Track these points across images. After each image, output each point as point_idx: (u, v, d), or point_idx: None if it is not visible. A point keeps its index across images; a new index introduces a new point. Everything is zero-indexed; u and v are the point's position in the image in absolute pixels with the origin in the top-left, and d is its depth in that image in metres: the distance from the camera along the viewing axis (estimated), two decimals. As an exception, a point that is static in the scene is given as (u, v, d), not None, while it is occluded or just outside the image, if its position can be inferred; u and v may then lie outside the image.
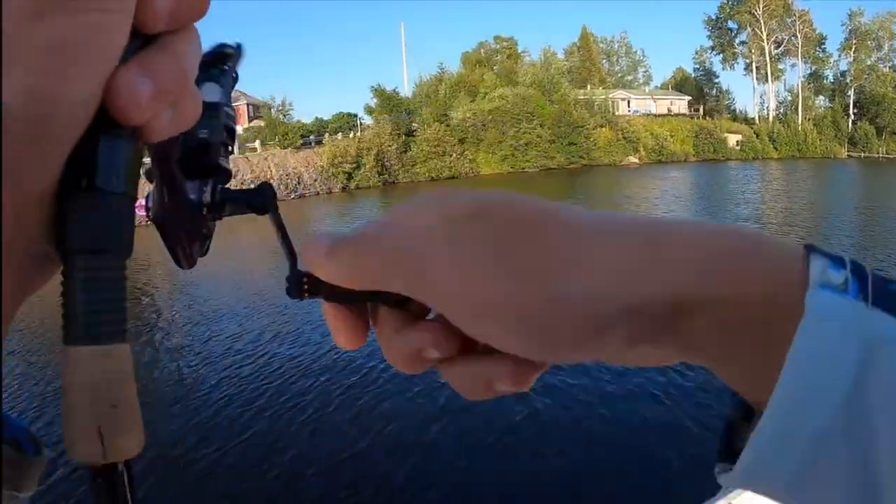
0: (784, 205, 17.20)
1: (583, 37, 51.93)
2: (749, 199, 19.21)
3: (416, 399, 4.88)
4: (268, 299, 9.06)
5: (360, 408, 4.86)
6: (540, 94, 35.27)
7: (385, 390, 5.07)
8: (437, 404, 4.70)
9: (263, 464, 4.13)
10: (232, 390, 5.43)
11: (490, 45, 40.58)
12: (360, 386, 5.23)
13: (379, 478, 3.88)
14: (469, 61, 38.74)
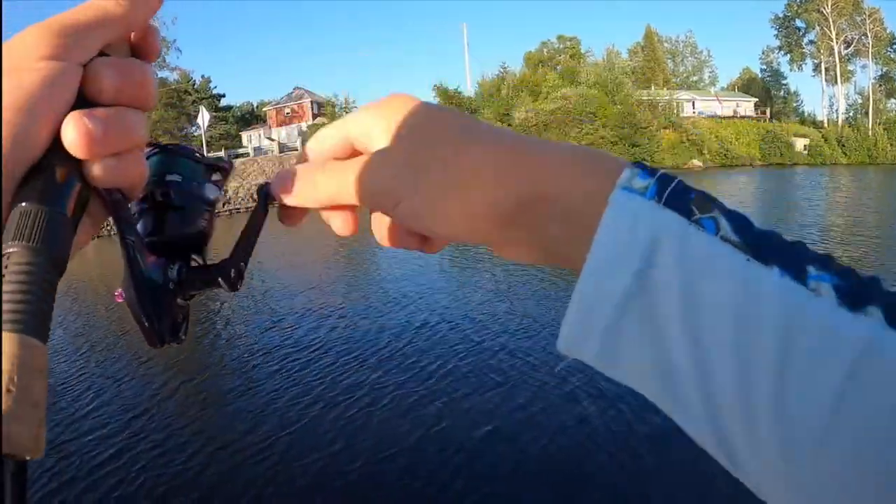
0: (851, 213, 16.14)
1: (647, 36, 50.53)
2: (815, 206, 18.13)
3: (468, 399, 4.80)
4: (325, 293, 9.23)
5: (410, 405, 4.82)
6: (603, 94, 34.50)
7: (436, 390, 5.03)
8: (490, 405, 4.64)
9: (310, 455, 4.16)
10: (284, 383, 5.47)
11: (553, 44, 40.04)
12: (413, 383, 5.21)
13: (425, 476, 3.84)
14: (532, 61, 38.32)
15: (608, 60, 37.81)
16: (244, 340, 7.14)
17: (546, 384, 4.83)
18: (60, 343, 8.03)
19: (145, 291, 0.31)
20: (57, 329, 9.51)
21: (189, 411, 5.30)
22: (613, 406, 4.34)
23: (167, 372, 6.19)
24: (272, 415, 4.87)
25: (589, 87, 34.55)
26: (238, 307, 8.74)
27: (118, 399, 5.69)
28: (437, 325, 6.76)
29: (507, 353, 5.62)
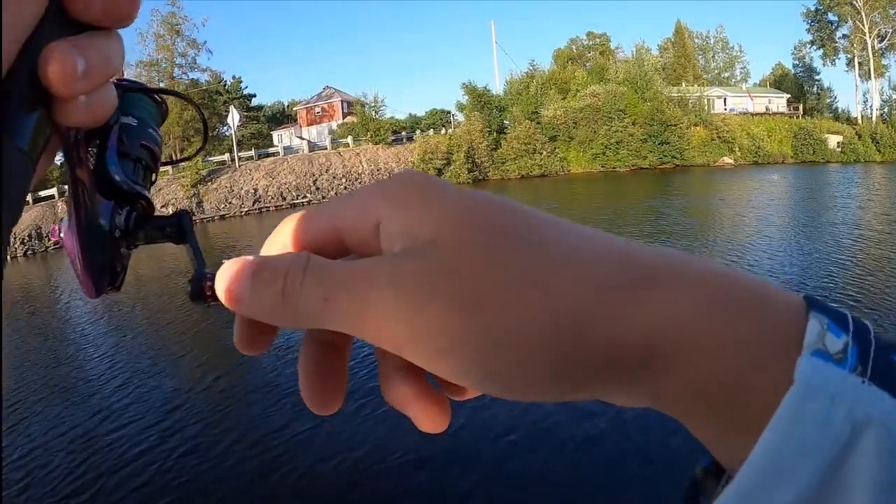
0: (885, 211, 15.68)
1: (677, 31, 49.74)
2: (848, 205, 17.68)
3: (487, 409, 4.72)
4: None
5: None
6: (632, 91, 34.16)
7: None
8: (510, 415, 4.60)
9: (335, 457, 4.25)
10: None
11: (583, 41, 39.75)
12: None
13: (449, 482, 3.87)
14: (561, 58, 38.09)
15: (637, 57, 37.35)
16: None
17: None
18: (94, 339, 8.33)
19: (91, 237, 0.28)
20: (88, 327, 9.87)
21: (223, 407, 5.47)
22: (624, 423, 4.31)
23: (201, 371, 6.37)
24: (300, 415, 4.91)
25: (618, 84, 34.24)
26: None
27: (153, 395, 5.91)
28: None
29: None
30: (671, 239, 11.14)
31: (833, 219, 14.75)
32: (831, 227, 13.11)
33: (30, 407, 6.00)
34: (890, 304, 7.04)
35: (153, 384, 6.29)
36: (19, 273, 22.54)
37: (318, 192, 30.88)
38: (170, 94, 0.35)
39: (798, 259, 9.92)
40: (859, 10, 48.85)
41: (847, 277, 8.54)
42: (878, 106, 52.97)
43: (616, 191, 24.12)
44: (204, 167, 33.36)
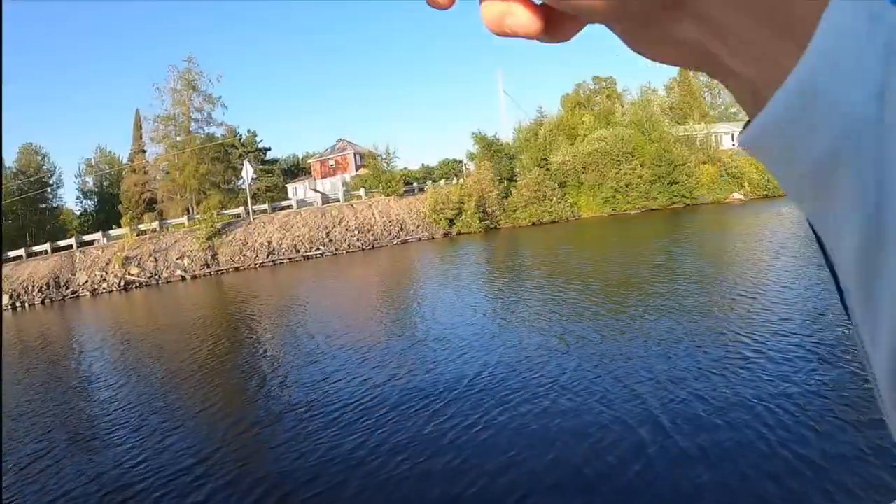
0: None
1: (681, 70, 50.42)
2: None
3: (529, 431, 4.90)
4: (375, 335, 9.10)
5: (476, 438, 4.84)
6: (639, 133, 34.44)
7: (500, 422, 5.17)
8: (551, 435, 4.72)
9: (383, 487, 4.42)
10: (348, 428, 5.65)
11: (589, 85, 40.27)
12: (475, 414, 5.35)
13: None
14: (569, 103, 38.57)
15: (643, 98, 37.77)
16: (302, 382, 6.93)
17: (602, 417, 5.11)
18: (112, 387, 8.41)
19: None
20: (106, 375, 9.93)
21: (252, 455, 5.55)
22: (669, 437, 4.38)
23: (229, 415, 6.33)
24: (326, 468, 5.04)
25: (625, 127, 34.59)
26: (300, 353, 8.23)
27: (173, 447, 6.01)
28: (491, 360, 5.38)
29: (561, 388, 5.31)
30: (687, 278, 11.06)
31: None
32: None
33: (55, 455, 6.17)
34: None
35: (174, 435, 6.43)
36: (37, 320, 23.00)
37: (331, 244, 31.27)
38: None
39: (818, 287, 9.88)
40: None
41: None
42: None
43: (627, 233, 24.16)
44: (219, 220, 33.99)
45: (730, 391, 5.45)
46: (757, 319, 8.03)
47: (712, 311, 8.89)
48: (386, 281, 17.95)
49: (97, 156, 54.89)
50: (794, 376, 5.67)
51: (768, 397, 5.21)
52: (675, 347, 7.10)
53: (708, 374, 5.98)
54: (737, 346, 6.84)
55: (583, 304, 10.31)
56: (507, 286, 13.87)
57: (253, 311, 15.29)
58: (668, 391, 5.65)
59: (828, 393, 5.19)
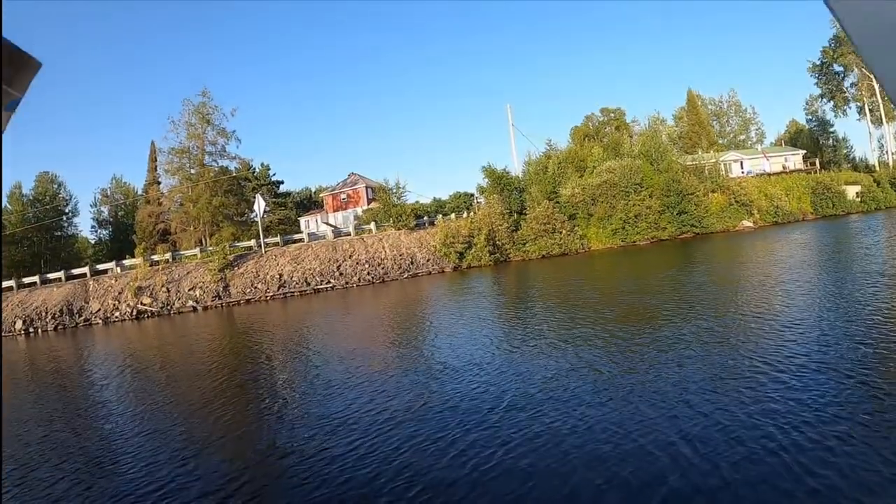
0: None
1: (689, 100, 50.83)
2: (873, 254, 17.50)
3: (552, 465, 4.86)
4: (391, 366, 7.60)
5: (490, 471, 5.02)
6: (647, 163, 34.62)
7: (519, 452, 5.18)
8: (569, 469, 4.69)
9: None
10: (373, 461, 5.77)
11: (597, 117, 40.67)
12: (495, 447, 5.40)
13: None
14: (578, 135, 38.95)
15: (652, 128, 38.06)
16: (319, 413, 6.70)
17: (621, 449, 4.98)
18: (124, 414, 8.44)
19: None
20: (119, 402, 10.00)
21: (266, 487, 5.45)
22: (691, 465, 4.49)
23: (244, 446, 6.13)
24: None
25: (633, 158, 34.81)
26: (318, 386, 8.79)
27: (188, 476, 5.96)
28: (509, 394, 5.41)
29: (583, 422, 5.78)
30: (697, 306, 10.97)
31: (864, 268, 14.63)
32: (863, 277, 13.04)
33: (71, 482, 6.12)
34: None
35: (189, 464, 6.43)
36: (50, 347, 23.26)
37: (341, 278, 31.47)
38: None
39: (835, 311, 9.79)
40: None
41: (888, 321, 8.49)
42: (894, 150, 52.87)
43: (637, 264, 24.12)
44: (231, 252, 34.39)
45: (747, 418, 5.44)
46: (771, 345, 8.01)
47: (726, 337, 8.84)
48: (397, 313, 18.00)
49: (112, 186, 56.03)
50: (810, 400, 5.67)
51: (785, 423, 5.21)
52: (690, 375, 7.08)
53: (725, 401, 5.96)
54: (753, 372, 6.81)
55: (595, 333, 10.30)
56: (519, 317, 13.84)
57: (264, 342, 15.36)
58: (687, 419, 5.64)
59: (846, 416, 5.18)
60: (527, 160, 36.54)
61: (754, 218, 37.95)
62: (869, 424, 4.97)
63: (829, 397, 5.73)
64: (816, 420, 5.22)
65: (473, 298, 18.78)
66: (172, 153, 41.70)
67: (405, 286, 27.09)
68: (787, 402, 5.75)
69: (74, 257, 48.23)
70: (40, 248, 46.14)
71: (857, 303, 10.17)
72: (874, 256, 16.58)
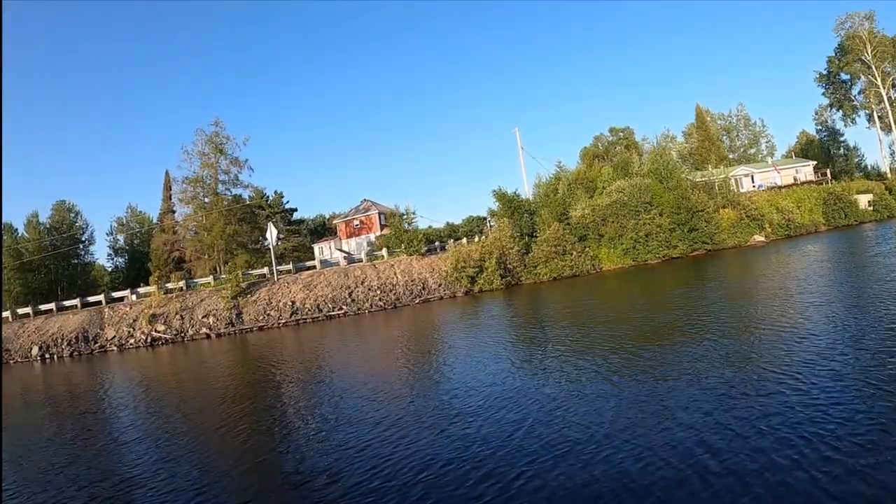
0: None
1: (697, 115, 50.78)
2: (888, 263, 17.32)
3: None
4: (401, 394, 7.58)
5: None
6: (657, 182, 34.59)
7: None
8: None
9: None
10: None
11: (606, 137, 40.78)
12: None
13: None
14: (587, 156, 39.06)
15: (660, 146, 38.05)
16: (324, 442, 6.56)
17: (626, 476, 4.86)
18: (139, 439, 8.74)
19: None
20: (133, 428, 10.07)
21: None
22: (718, 479, 4.40)
23: (261, 474, 6.40)
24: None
25: (642, 177, 34.82)
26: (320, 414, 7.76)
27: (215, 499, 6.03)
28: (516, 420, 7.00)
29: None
30: (713, 324, 10.90)
31: (878, 275, 14.50)
32: (879, 284, 13.00)
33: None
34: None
35: (208, 492, 6.51)
36: (65, 373, 23.55)
37: (353, 304, 31.64)
38: None
39: (853, 319, 9.78)
40: (869, 65, 49.34)
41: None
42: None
43: (649, 283, 24.05)
44: (245, 280, 34.75)
45: (768, 430, 5.51)
46: (791, 357, 8.07)
47: (743, 351, 8.89)
48: (410, 339, 18.06)
49: (128, 214, 57.03)
50: (835, 412, 5.74)
51: (809, 434, 5.29)
52: (710, 392, 7.09)
53: (747, 418, 5.99)
54: (775, 384, 6.89)
55: (611, 352, 10.33)
56: (532, 340, 13.87)
57: (279, 370, 15.43)
58: (710, 432, 5.69)
59: (868, 425, 5.25)
60: (536, 182, 36.77)
61: (766, 232, 37.69)
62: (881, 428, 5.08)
63: (852, 408, 5.80)
64: (842, 431, 5.29)
65: (487, 322, 18.83)
66: (186, 182, 42.45)
67: (417, 312, 27.18)
68: (810, 413, 5.83)
69: (91, 285, 48.93)
70: (57, 275, 46.93)
71: (873, 313, 10.18)
72: (888, 266, 16.45)
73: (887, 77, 50.65)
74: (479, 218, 38.72)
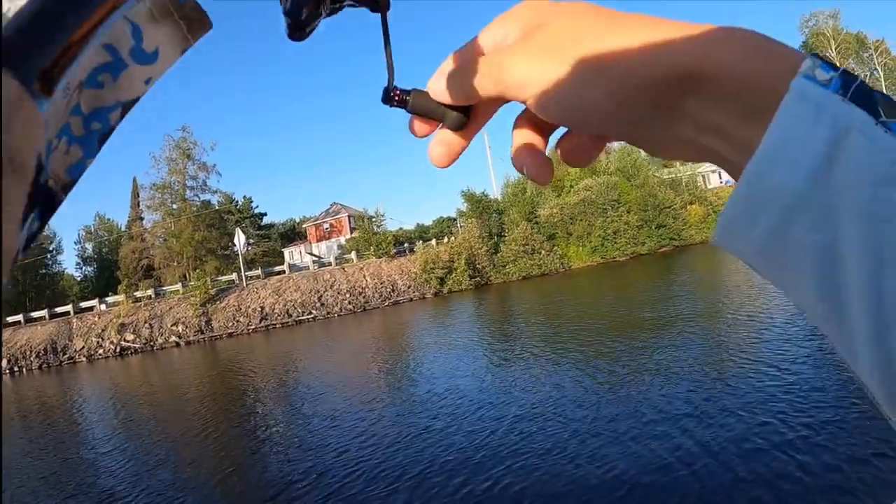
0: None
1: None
2: None
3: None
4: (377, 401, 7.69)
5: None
6: (624, 179, 34.99)
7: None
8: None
9: None
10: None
11: (574, 137, 41.14)
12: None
13: None
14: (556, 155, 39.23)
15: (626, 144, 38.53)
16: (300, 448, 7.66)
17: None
18: (110, 452, 8.60)
19: None
20: (104, 440, 9.86)
21: None
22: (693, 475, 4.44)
23: (232, 487, 6.40)
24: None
25: (609, 175, 35.22)
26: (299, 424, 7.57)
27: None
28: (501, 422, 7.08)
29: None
30: (684, 320, 11.11)
31: None
32: None
33: None
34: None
35: (184, 499, 6.45)
36: (34, 386, 23.02)
37: (322, 308, 31.44)
38: None
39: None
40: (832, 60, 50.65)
41: None
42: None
43: (618, 280, 24.32)
44: (213, 286, 34.32)
45: (749, 417, 5.68)
46: (762, 345, 8.33)
47: (719, 341, 9.17)
48: (380, 344, 18.01)
49: (96, 223, 55.94)
50: (806, 392, 6.05)
51: (786, 417, 5.53)
52: (687, 380, 7.27)
53: (726, 404, 6.19)
54: (745, 368, 7.13)
55: (584, 348, 10.47)
56: (502, 340, 13.93)
57: (247, 378, 15.29)
58: (691, 422, 5.84)
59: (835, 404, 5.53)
60: (505, 183, 37.01)
61: (734, 227, 38.36)
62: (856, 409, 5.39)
63: (820, 387, 6.16)
64: (812, 409, 5.60)
65: (457, 324, 18.87)
66: (154, 189, 41.86)
67: (387, 314, 27.11)
68: (784, 397, 6.09)
69: (60, 295, 47.92)
70: (25, 286, 45.87)
71: None
72: None
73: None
74: (449, 219, 38.86)
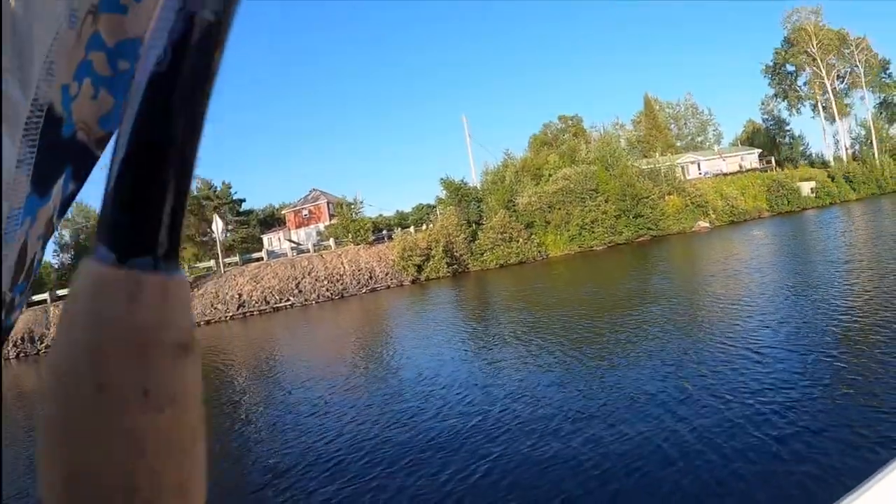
0: (868, 248, 16.33)
1: (646, 104, 51.78)
2: (830, 247, 18.27)
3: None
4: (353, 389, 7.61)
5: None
6: (603, 169, 35.24)
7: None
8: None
9: None
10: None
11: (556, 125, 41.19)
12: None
13: None
14: (536, 144, 39.37)
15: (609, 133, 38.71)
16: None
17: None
18: None
19: None
20: None
21: None
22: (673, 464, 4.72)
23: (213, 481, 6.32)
24: None
25: (588, 165, 35.43)
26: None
27: None
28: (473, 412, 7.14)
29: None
30: (661, 308, 11.42)
31: (821, 258, 15.28)
32: (823, 266, 13.72)
33: None
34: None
35: None
36: (11, 374, 22.75)
37: (300, 295, 31.39)
38: None
39: (796, 301, 10.26)
40: (815, 57, 51.18)
41: (845, 306, 9.09)
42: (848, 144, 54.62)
43: (595, 268, 24.56)
44: (191, 273, 34.05)
45: (734, 400, 5.87)
46: (742, 331, 8.55)
47: (699, 327, 9.38)
48: (358, 332, 18.06)
49: (73, 210, 54.99)
50: (785, 377, 6.24)
51: (767, 399, 5.70)
52: (669, 365, 7.43)
53: (710, 388, 6.36)
54: (732, 359, 7.27)
55: (565, 334, 10.65)
56: (478, 328, 14.10)
57: (226, 368, 15.23)
58: (678, 406, 5.98)
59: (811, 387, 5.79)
60: (484, 170, 37.08)
61: (710, 218, 38.77)
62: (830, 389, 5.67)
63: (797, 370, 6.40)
64: (787, 390, 5.85)
65: (437, 309, 19.03)
66: (132, 174, 41.09)
67: (364, 301, 27.17)
68: (760, 378, 6.32)
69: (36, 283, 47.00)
70: (0, 275, 45.04)
71: (816, 287, 10.83)
72: (822, 250, 17.25)
73: (832, 69, 52.54)
74: (428, 206, 38.87)
